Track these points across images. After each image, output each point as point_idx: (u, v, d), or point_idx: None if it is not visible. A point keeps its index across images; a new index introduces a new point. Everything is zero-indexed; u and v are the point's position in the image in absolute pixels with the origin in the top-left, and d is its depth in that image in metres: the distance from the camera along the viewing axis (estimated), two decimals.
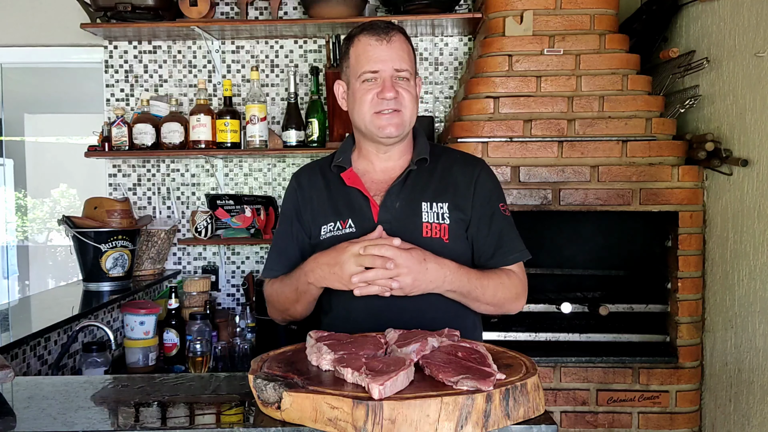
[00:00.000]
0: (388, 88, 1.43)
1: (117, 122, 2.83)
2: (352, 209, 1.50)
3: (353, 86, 1.49)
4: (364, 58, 1.45)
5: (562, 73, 2.48)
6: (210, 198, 3.03)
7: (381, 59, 1.44)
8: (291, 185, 1.61)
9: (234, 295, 3.13)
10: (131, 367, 2.38)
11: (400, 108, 1.46)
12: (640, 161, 2.42)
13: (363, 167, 1.56)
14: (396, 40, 1.45)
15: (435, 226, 1.47)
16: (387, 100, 1.44)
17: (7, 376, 1.08)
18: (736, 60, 2.25)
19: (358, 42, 1.47)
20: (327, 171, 1.58)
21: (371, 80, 1.45)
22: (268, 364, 1.12)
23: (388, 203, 1.49)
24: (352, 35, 1.49)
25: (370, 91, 1.45)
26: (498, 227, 1.51)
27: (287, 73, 2.97)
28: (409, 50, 1.49)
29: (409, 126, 1.50)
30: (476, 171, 1.55)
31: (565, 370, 2.44)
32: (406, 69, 1.46)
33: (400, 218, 1.47)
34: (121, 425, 1.01)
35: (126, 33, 2.95)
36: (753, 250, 2.16)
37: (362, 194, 1.50)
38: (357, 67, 1.47)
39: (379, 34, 1.45)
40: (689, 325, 2.44)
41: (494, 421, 0.95)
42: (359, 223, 1.48)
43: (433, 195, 1.50)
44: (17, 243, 5.14)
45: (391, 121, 1.46)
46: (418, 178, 1.52)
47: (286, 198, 1.62)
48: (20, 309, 2.32)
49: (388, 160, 1.55)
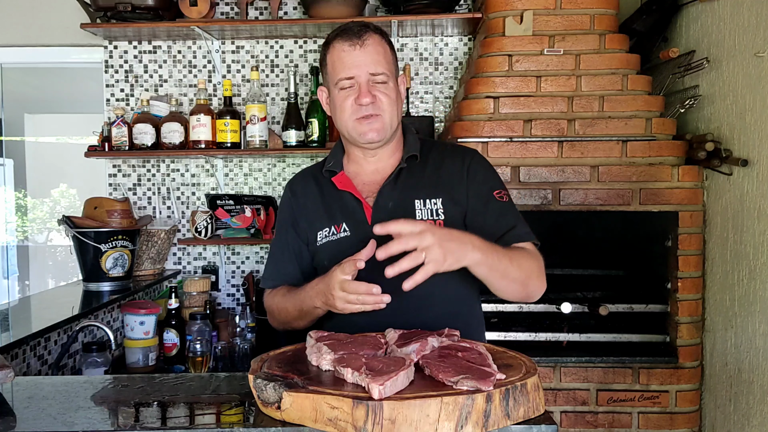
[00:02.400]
0: (364, 93, 1.42)
1: (117, 122, 2.83)
2: (345, 213, 1.49)
3: (333, 93, 1.49)
4: (339, 65, 1.44)
5: (562, 73, 2.48)
6: (210, 198, 3.03)
7: (355, 64, 1.43)
8: (285, 194, 1.61)
9: (234, 295, 3.14)
10: (131, 367, 2.38)
11: (379, 112, 1.44)
12: (640, 161, 2.42)
13: (354, 170, 1.55)
14: (370, 44, 1.44)
15: (429, 224, 1.45)
16: (364, 105, 1.43)
17: (7, 376, 1.08)
18: (736, 60, 2.25)
19: (333, 48, 1.46)
20: (319, 176, 1.57)
21: (348, 87, 1.45)
22: (268, 364, 1.12)
23: (380, 203, 1.48)
24: (328, 41, 1.49)
25: (348, 98, 1.45)
26: (495, 213, 1.48)
27: (287, 73, 2.97)
28: (385, 51, 1.47)
29: (390, 129, 1.48)
30: (467, 159, 1.53)
31: (565, 370, 2.44)
32: (382, 72, 1.44)
33: (394, 218, 1.45)
34: (121, 425, 1.01)
35: (126, 33, 2.95)
36: (753, 250, 2.16)
37: (354, 197, 1.49)
38: (333, 74, 1.46)
39: (352, 38, 1.43)
40: (689, 325, 2.44)
41: (494, 421, 0.95)
42: (353, 226, 1.47)
43: (425, 192, 1.48)
44: (17, 243, 5.14)
45: (372, 126, 1.45)
46: (409, 176, 1.51)
47: (281, 207, 1.62)
48: (20, 309, 2.32)
49: (378, 161, 1.54)
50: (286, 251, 1.56)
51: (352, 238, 1.44)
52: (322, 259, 1.50)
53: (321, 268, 1.49)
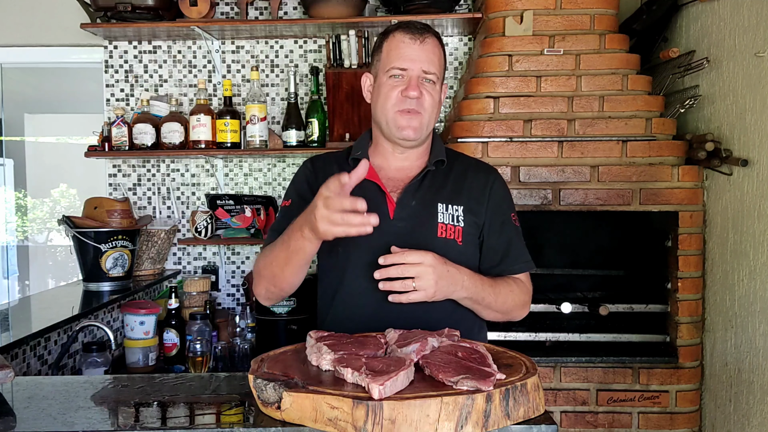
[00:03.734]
0: (413, 86, 1.44)
1: (117, 122, 2.83)
2: (368, 202, 1.48)
3: (380, 80, 1.50)
4: (395, 54, 1.46)
5: (562, 73, 2.48)
6: (210, 198, 3.03)
7: (411, 58, 1.45)
8: (305, 168, 1.60)
9: (234, 295, 3.13)
10: (131, 367, 2.38)
11: (421, 110, 1.46)
12: (640, 161, 2.42)
13: (379, 163, 1.55)
14: (429, 43, 1.47)
15: (450, 228, 1.48)
16: (410, 98, 1.45)
17: (7, 376, 1.08)
18: (736, 60, 2.25)
19: (393, 38, 1.48)
20: (343, 164, 1.57)
21: (398, 77, 1.46)
22: (268, 364, 1.12)
23: (404, 201, 1.49)
24: (388, 30, 1.51)
25: (395, 88, 1.46)
26: (508, 236, 1.53)
27: (287, 73, 2.97)
28: (440, 55, 1.50)
29: (426, 130, 1.50)
30: (491, 178, 1.57)
31: (565, 370, 2.44)
32: (434, 72, 1.47)
33: (416, 217, 1.48)
34: (121, 425, 1.01)
35: (126, 33, 2.95)
36: (753, 250, 2.16)
37: (379, 189, 1.50)
38: (387, 61, 1.48)
39: (414, 33, 1.46)
40: (689, 325, 2.44)
41: (494, 421, 0.95)
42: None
43: (448, 197, 1.51)
44: (17, 243, 5.13)
45: (411, 123, 1.46)
46: (434, 179, 1.53)
47: (297, 179, 1.59)
48: (20, 309, 2.32)
49: (405, 160, 1.55)
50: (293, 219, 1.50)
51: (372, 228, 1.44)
52: (337, 245, 1.45)
53: (334, 254, 1.50)
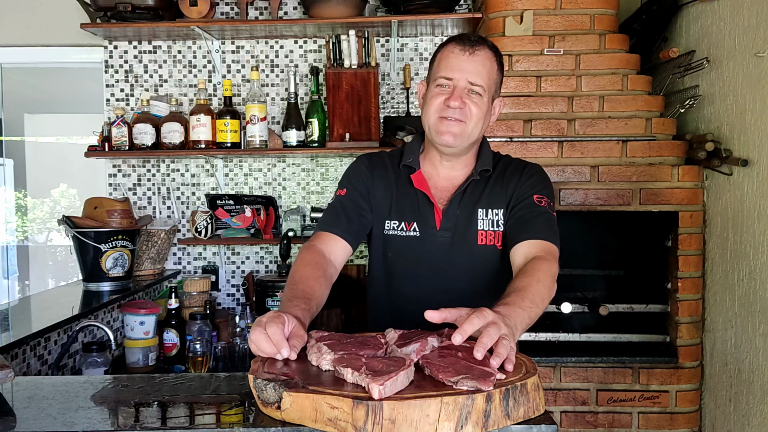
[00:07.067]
0: (455, 97, 1.46)
1: (117, 122, 2.83)
2: (417, 213, 1.55)
3: (429, 88, 1.53)
4: (444, 64, 1.49)
5: (562, 73, 2.48)
6: (210, 198, 3.03)
7: (458, 68, 1.47)
8: (361, 164, 1.62)
9: (234, 295, 3.13)
10: (131, 367, 2.38)
11: (464, 119, 1.47)
12: (640, 161, 2.42)
13: (428, 171, 1.59)
14: (480, 55, 1.48)
15: (489, 234, 1.52)
16: (452, 108, 1.46)
17: (7, 376, 1.08)
18: (736, 60, 2.25)
19: (445, 48, 1.52)
20: (396, 168, 1.61)
21: (445, 86, 1.48)
22: (268, 363, 1.12)
23: (450, 211, 1.53)
24: (445, 42, 1.54)
25: (439, 96, 1.48)
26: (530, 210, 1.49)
27: (287, 73, 2.97)
28: (491, 68, 1.50)
29: (468, 140, 1.51)
30: (527, 168, 1.58)
31: (565, 370, 2.44)
32: (480, 84, 1.47)
33: (459, 226, 1.52)
34: (121, 425, 1.01)
35: (126, 33, 2.95)
36: (753, 250, 2.16)
37: (428, 199, 1.54)
38: (436, 70, 1.51)
39: (465, 45, 1.48)
40: (689, 325, 2.44)
41: (494, 421, 0.95)
42: (423, 227, 1.54)
43: (488, 201, 1.54)
44: (17, 243, 5.14)
45: (450, 129, 1.47)
46: (476, 187, 1.56)
47: (354, 173, 1.61)
48: (20, 309, 2.32)
49: (452, 169, 1.58)
50: (349, 209, 1.55)
51: (420, 237, 1.52)
52: (387, 250, 1.56)
53: (383, 257, 1.57)
